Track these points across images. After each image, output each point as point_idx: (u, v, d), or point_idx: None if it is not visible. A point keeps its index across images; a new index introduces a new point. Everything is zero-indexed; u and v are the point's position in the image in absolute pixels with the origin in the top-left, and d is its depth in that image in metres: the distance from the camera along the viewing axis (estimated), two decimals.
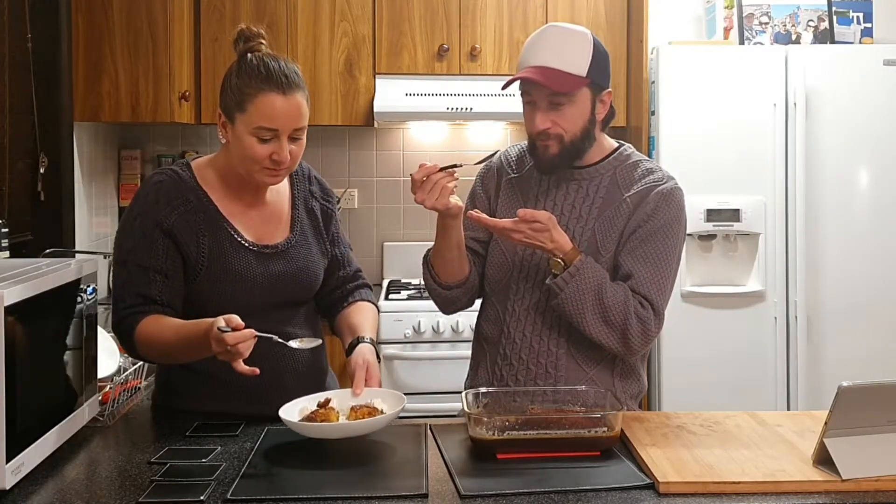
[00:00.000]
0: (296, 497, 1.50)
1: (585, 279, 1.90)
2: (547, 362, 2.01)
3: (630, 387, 2.05)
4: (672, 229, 1.97)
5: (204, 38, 3.64)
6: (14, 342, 1.52)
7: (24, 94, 3.13)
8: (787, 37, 3.70)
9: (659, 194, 1.98)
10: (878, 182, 3.49)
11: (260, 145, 1.85)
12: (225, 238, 1.93)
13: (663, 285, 1.95)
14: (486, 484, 1.56)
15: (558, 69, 1.93)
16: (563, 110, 1.95)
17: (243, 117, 1.85)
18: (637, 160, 2.07)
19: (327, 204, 2.12)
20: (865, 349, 3.45)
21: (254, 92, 1.84)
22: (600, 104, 2.00)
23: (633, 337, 1.92)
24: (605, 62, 1.99)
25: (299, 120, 1.87)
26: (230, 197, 1.97)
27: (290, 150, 1.88)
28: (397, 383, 3.41)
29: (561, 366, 2.00)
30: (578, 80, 1.94)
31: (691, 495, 1.52)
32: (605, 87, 2.00)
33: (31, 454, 1.59)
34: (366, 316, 2.07)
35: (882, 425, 1.59)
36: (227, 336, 1.66)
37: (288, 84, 1.85)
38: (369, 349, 1.94)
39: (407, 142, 4.13)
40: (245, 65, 1.87)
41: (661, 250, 1.95)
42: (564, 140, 1.97)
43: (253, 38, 1.90)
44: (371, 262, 4.07)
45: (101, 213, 3.73)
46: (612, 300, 1.90)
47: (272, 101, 1.83)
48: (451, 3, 3.74)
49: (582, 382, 1.96)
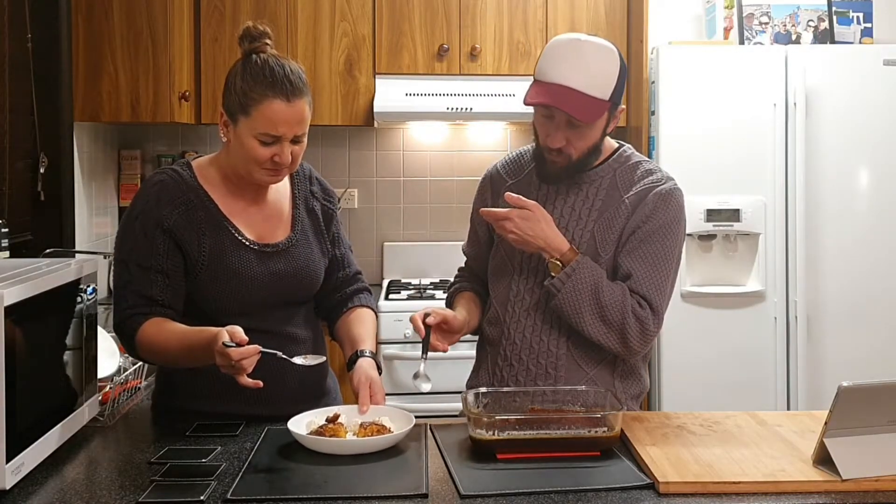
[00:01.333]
0: (296, 497, 1.50)
1: (582, 279, 1.90)
2: (547, 363, 2.00)
3: (631, 387, 2.05)
4: (671, 230, 1.97)
5: (204, 38, 3.64)
6: (14, 342, 1.52)
7: (24, 94, 3.13)
8: (787, 37, 3.70)
9: (657, 195, 1.98)
10: (878, 182, 3.49)
11: (262, 148, 1.86)
12: (226, 237, 1.93)
13: (662, 285, 1.95)
14: (486, 484, 1.56)
15: (583, 93, 1.89)
16: (581, 131, 1.94)
17: (247, 121, 1.86)
18: (637, 161, 2.06)
19: (328, 204, 2.12)
20: (865, 349, 3.45)
21: (258, 97, 1.84)
22: (613, 120, 2.00)
23: (631, 336, 1.91)
24: (624, 80, 1.96)
25: (302, 126, 1.89)
26: (231, 196, 1.97)
27: (292, 151, 1.89)
28: (397, 383, 3.41)
29: (561, 366, 2.00)
30: (602, 105, 1.92)
31: (691, 495, 1.52)
32: (619, 105, 1.98)
33: (31, 454, 1.59)
34: (366, 326, 2.07)
35: (882, 425, 1.59)
36: (232, 352, 1.68)
37: (292, 90, 1.85)
38: (370, 364, 1.95)
39: (407, 142, 4.13)
40: (250, 67, 1.87)
41: (660, 251, 1.95)
42: (573, 157, 1.98)
43: (259, 37, 1.90)
44: (371, 262, 4.07)
45: (101, 213, 3.73)
46: (610, 299, 1.90)
47: (276, 109, 1.84)
48: (451, 3, 3.74)
49: (582, 383, 1.96)
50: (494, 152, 3.87)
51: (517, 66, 3.75)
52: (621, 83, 1.95)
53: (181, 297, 1.92)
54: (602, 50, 1.94)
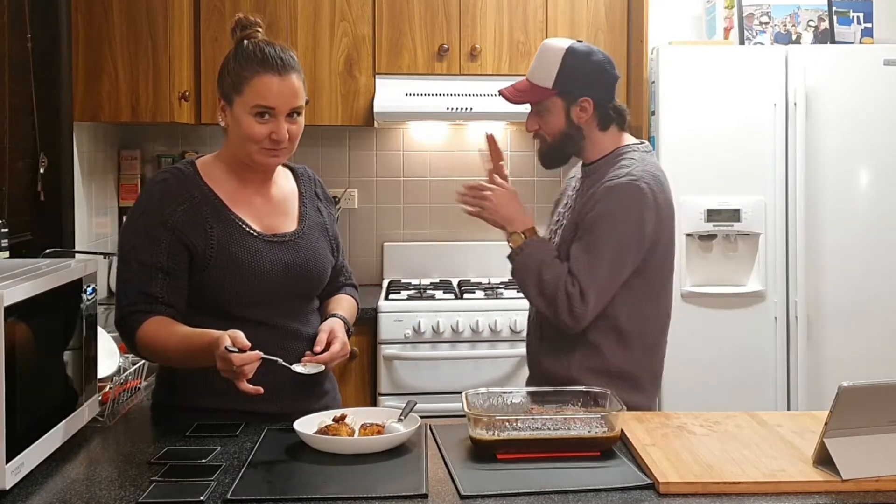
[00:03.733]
0: (296, 497, 1.50)
1: (531, 255, 2.15)
2: (528, 350, 2.32)
3: (588, 360, 2.15)
4: (609, 219, 2.10)
5: (204, 38, 3.64)
6: (14, 342, 1.52)
7: (24, 94, 3.13)
8: (787, 37, 3.70)
9: (606, 188, 2.12)
10: (878, 182, 3.49)
11: (258, 125, 1.90)
12: (233, 228, 1.95)
13: (594, 270, 2.09)
14: (486, 484, 1.56)
15: (528, 80, 2.24)
16: (543, 116, 2.23)
17: (241, 99, 1.91)
18: (623, 160, 2.19)
19: (331, 208, 2.17)
20: (865, 349, 3.44)
21: (250, 75, 1.90)
22: (578, 110, 2.19)
23: (561, 311, 2.09)
24: (577, 73, 2.18)
25: (295, 99, 1.92)
26: (236, 190, 1.99)
27: (289, 130, 1.92)
28: (397, 383, 3.41)
29: (532, 350, 2.29)
30: (543, 91, 2.20)
31: (691, 495, 1.52)
32: (580, 95, 2.18)
33: (31, 454, 1.59)
34: (342, 304, 2.13)
35: (882, 425, 1.59)
36: (234, 357, 1.70)
37: (283, 66, 1.91)
38: (339, 323, 2.00)
39: (407, 142, 4.13)
40: (241, 50, 1.94)
41: (596, 238, 2.10)
42: (547, 140, 2.25)
43: (250, 26, 1.97)
44: (371, 262, 4.06)
45: (101, 213, 3.73)
46: (550, 276, 2.11)
47: (268, 82, 1.89)
48: (451, 3, 3.74)
49: (546, 357, 2.19)
50: None
51: (517, 66, 3.75)
52: (571, 75, 2.18)
53: (183, 295, 1.93)
54: (545, 46, 2.23)
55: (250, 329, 1.81)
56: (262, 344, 1.77)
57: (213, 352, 1.73)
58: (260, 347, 1.75)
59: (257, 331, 1.85)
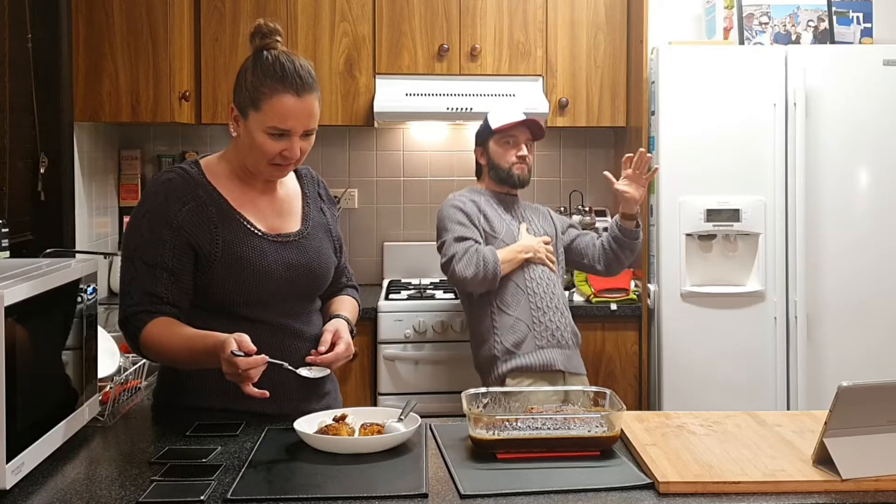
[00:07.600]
0: (296, 497, 1.51)
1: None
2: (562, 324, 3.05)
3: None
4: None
5: (204, 38, 3.64)
6: (14, 342, 1.52)
7: (24, 94, 3.13)
8: (786, 37, 3.70)
9: (547, 208, 3.35)
10: (878, 182, 3.49)
11: (272, 142, 1.90)
12: (238, 228, 1.95)
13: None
14: (486, 484, 1.56)
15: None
16: (531, 151, 3.19)
17: (257, 115, 1.89)
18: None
19: (334, 209, 2.18)
20: (865, 349, 3.44)
21: (269, 91, 1.87)
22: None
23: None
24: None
25: (311, 121, 1.92)
26: (241, 191, 1.99)
27: (301, 147, 1.92)
28: (397, 383, 3.41)
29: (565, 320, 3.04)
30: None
31: (691, 495, 1.53)
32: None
33: (31, 454, 1.59)
34: (345, 304, 2.14)
35: (882, 425, 1.59)
36: (240, 361, 1.70)
37: (302, 86, 1.89)
38: (343, 323, 2.01)
39: (407, 142, 4.13)
40: (261, 62, 1.91)
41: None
42: (529, 167, 3.17)
43: (270, 34, 1.95)
44: (371, 262, 4.07)
45: (101, 213, 3.73)
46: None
47: (286, 103, 1.87)
48: (451, 3, 3.74)
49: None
50: None
51: (517, 66, 3.76)
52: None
53: (187, 295, 1.93)
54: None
55: (253, 328, 1.81)
56: (264, 343, 1.78)
57: (218, 354, 1.73)
58: (262, 347, 1.75)
59: (260, 330, 1.85)
